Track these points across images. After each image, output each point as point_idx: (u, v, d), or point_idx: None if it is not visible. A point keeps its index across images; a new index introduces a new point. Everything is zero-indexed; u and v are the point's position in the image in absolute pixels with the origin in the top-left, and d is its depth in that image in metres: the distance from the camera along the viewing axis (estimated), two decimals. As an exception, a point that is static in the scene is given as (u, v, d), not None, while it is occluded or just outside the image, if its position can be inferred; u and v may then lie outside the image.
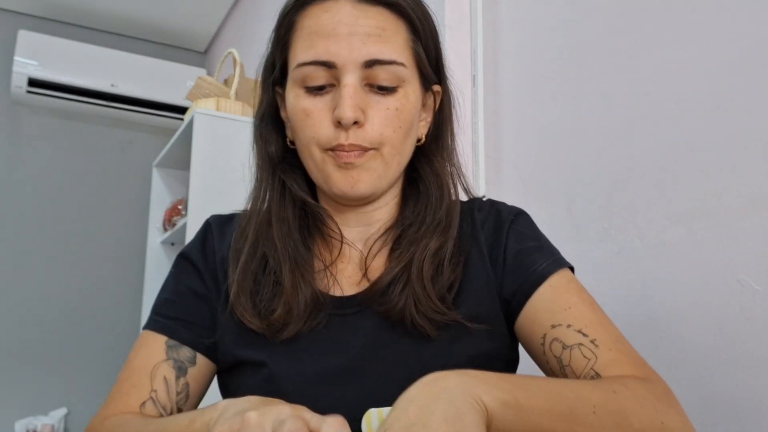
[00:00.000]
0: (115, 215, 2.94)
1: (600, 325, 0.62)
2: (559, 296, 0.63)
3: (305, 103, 0.64)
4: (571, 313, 0.62)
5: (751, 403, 0.74)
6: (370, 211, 0.71)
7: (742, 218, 0.77)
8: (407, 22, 0.66)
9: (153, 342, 0.68)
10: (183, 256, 0.73)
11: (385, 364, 0.63)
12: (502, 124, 1.22)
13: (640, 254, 0.90)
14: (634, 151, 0.93)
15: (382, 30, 0.63)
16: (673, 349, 0.83)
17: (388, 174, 0.66)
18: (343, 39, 0.62)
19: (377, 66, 0.63)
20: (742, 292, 0.76)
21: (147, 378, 0.66)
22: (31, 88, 2.66)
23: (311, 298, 0.65)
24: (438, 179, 0.70)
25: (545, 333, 0.62)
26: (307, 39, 0.64)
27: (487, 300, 0.66)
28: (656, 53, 0.91)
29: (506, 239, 0.68)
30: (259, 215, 0.70)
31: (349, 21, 0.62)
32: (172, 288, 0.72)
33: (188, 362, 0.67)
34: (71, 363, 2.75)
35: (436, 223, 0.67)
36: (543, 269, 0.65)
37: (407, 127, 0.66)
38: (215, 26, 3.11)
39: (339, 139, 0.62)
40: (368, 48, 0.62)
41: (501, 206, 0.73)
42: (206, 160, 1.77)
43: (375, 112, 0.63)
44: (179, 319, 0.69)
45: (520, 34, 1.20)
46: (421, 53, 0.67)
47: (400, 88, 0.65)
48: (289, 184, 0.69)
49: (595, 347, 0.59)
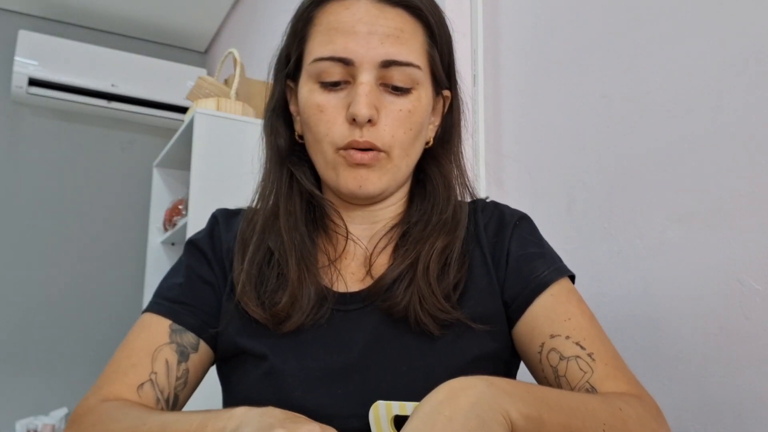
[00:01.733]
0: (115, 215, 2.94)
1: (598, 339, 0.62)
2: (559, 306, 0.64)
3: (319, 98, 0.64)
4: (571, 325, 0.62)
5: (751, 403, 0.74)
6: (377, 210, 0.71)
7: (742, 218, 0.77)
8: (425, 25, 0.66)
9: (156, 324, 0.67)
10: (192, 243, 0.73)
11: (387, 360, 0.63)
12: (503, 124, 1.22)
13: (640, 254, 0.90)
14: (634, 151, 0.93)
15: (400, 31, 0.64)
16: (673, 349, 0.83)
17: (397, 176, 0.67)
18: (361, 37, 0.62)
19: (393, 67, 0.63)
20: (742, 292, 0.76)
21: (148, 359, 0.64)
22: (31, 88, 2.66)
23: (315, 291, 0.65)
24: (445, 180, 0.71)
25: (543, 342, 0.62)
26: (325, 34, 0.64)
27: (489, 301, 0.66)
28: (656, 53, 0.91)
29: (509, 242, 0.68)
30: (266, 207, 0.70)
31: (368, 20, 0.63)
32: (180, 273, 0.71)
33: (191, 348, 0.66)
34: (72, 363, 2.75)
35: (442, 222, 0.68)
36: (545, 277, 0.65)
37: (417, 129, 0.66)
38: (215, 26, 3.11)
39: (353, 135, 0.63)
40: (386, 48, 0.62)
41: (504, 208, 0.73)
42: (207, 160, 1.77)
43: (388, 112, 0.64)
44: (186, 304, 0.68)
45: (520, 34, 1.20)
46: (435, 57, 0.67)
47: (414, 91, 0.65)
48: (298, 176, 0.69)
49: (592, 361, 0.60)
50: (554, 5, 1.12)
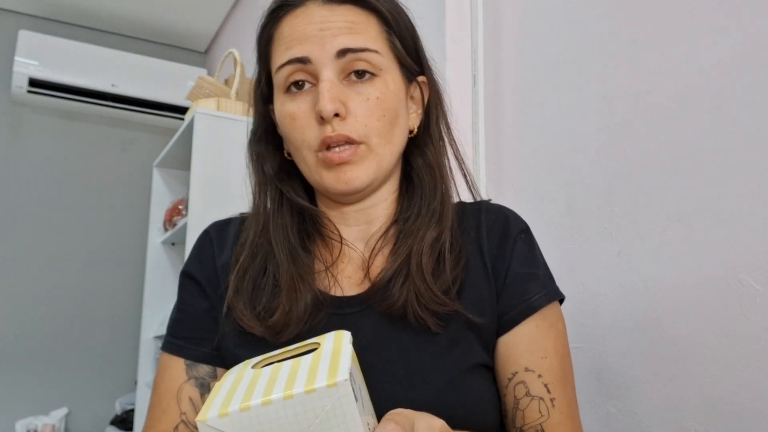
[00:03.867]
0: (115, 215, 2.94)
1: (562, 384, 0.65)
2: (540, 339, 0.66)
3: (290, 107, 0.66)
4: (546, 364, 0.65)
5: (751, 403, 0.74)
6: (369, 208, 0.71)
7: (742, 218, 0.77)
8: (378, 15, 0.67)
9: (173, 364, 0.69)
10: (183, 274, 0.74)
11: (385, 361, 0.62)
12: (502, 124, 1.22)
13: (640, 254, 0.90)
14: (634, 151, 0.93)
15: (352, 23, 0.65)
16: (673, 349, 0.83)
17: (383, 164, 0.67)
18: (315, 36, 0.64)
19: (350, 54, 0.64)
20: (742, 292, 0.76)
21: (174, 401, 0.67)
22: (31, 88, 2.66)
23: (311, 299, 0.65)
24: (431, 170, 0.71)
25: (517, 371, 0.65)
26: (283, 44, 0.66)
27: (487, 305, 0.66)
28: (656, 53, 0.91)
29: (510, 257, 0.68)
30: (258, 222, 0.71)
31: (319, 20, 0.65)
32: (178, 308, 0.73)
33: (209, 377, 0.69)
34: (72, 363, 2.75)
35: (431, 213, 0.68)
36: (534, 301, 0.66)
37: (392, 116, 0.66)
38: (216, 26, 3.11)
39: (325, 132, 0.63)
40: (339, 39, 0.64)
41: (510, 215, 0.72)
42: (207, 160, 1.77)
43: (356, 104, 0.64)
44: (190, 338, 0.70)
45: (520, 34, 1.20)
46: (396, 43, 0.68)
47: (378, 77, 0.66)
48: (286, 192, 0.70)
49: (552, 407, 0.63)
50: (554, 5, 1.12)
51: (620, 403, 0.90)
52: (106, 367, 2.81)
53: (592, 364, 0.95)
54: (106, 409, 2.74)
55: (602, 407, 0.92)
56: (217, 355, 0.69)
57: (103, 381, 2.79)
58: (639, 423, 0.87)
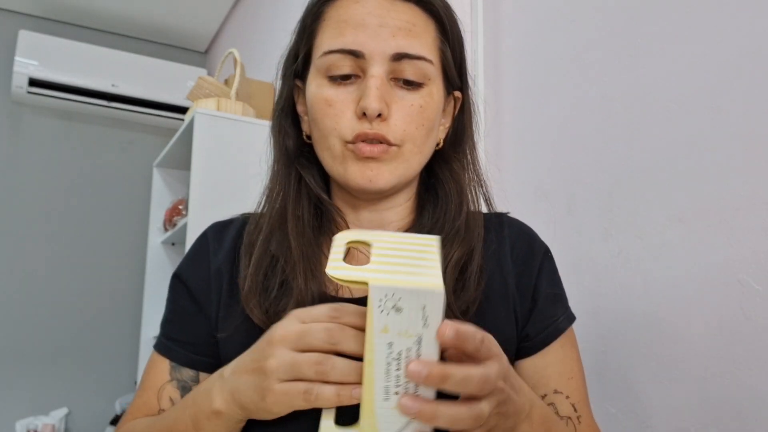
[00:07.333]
0: (115, 215, 2.94)
1: (586, 401, 0.68)
2: (567, 359, 0.68)
3: (328, 92, 0.63)
4: (572, 384, 0.67)
5: (751, 403, 0.74)
6: (384, 210, 0.70)
7: (742, 218, 0.77)
8: (437, 21, 0.65)
9: (160, 363, 0.70)
10: (174, 276, 0.73)
11: None
12: (503, 124, 1.22)
13: (640, 254, 0.90)
14: (634, 151, 0.93)
15: (412, 25, 0.63)
16: (673, 349, 0.83)
17: (408, 172, 0.65)
18: (372, 30, 0.61)
19: (405, 60, 0.62)
20: (742, 292, 0.76)
21: (155, 398, 0.68)
22: (31, 88, 2.66)
23: (319, 298, 0.63)
24: (458, 186, 0.69)
25: (547, 393, 0.66)
26: (335, 28, 0.63)
27: (504, 324, 0.66)
28: (656, 53, 0.91)
29: (537, 277, 0.68)
30: (273, 209, 0.68)
31: (379, 13, 0.62)
32: (168, 308, 0.73)
33: (191, 381, 0.68)
34: (72, 363, 2.75)
35: (455, 231, 0.66)
36: (560, 323, 0.68)
37: (429, 126, 0.65)
38: (216, 26, 3.11)
39: (363, 127, 0.61)
40: (397, 41, 0.61)
41: (532, 233, 0.72)
42: (207, 160, 1.77)
43: (399, 107, 0.62)
44: (177, 340, 0.69)
45: (520, 34, 1.20)
46: (447, 54, 0.66)
47: (425, 86, 0.64)
48: (306, 179, 0.68)
49: (578, 423, 0.66)
50: (554, 5, 1.12)
51: (620, 403, 0.90)
52: (106, 367, 2.81)
53: (592, 364, 0.95)
54: (106, 409, 2.74)
55: (602, 407, 0.92)
56: (202, 360, 0.68)
57: (103, 381, 2.79)
58: (639, 423, 0.87)
